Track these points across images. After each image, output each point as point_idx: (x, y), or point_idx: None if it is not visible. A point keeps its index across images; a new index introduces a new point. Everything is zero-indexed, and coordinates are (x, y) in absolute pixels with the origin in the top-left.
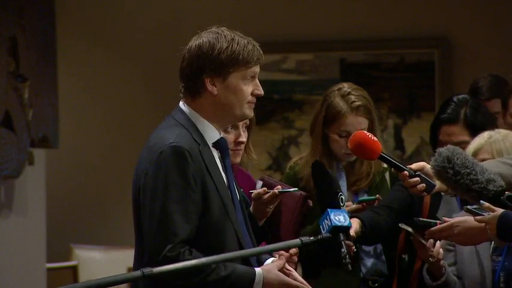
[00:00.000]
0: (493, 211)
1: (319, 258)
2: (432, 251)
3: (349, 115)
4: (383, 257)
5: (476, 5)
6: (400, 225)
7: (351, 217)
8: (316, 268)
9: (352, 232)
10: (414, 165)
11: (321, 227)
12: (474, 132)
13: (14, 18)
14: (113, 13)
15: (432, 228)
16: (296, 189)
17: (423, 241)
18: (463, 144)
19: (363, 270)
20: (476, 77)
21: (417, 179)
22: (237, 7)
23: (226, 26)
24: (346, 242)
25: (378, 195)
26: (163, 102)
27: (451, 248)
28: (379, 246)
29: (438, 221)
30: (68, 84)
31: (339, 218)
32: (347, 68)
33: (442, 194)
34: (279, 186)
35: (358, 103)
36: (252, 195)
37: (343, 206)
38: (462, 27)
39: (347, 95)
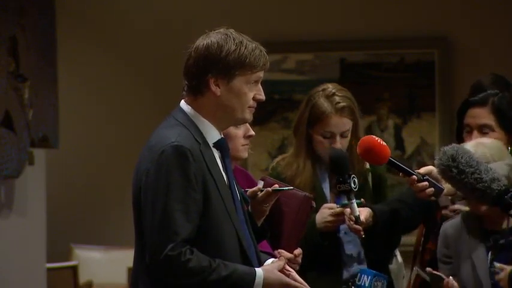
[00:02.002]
0: (503, 269)
1: (304, 261)
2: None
3: (334, 116)
4: (365, 261)
5: (476, 5)
6: (415, 269)
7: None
8: (300, 271)
9: (362, 218)
10: (422, 170)
11: (358, 274)
12: (501, 120)
13: (14, 18)
14: (113, 13)
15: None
16: (292, 187)
17: (441, 277)
18: (486, 128)
19: (345, 274)
20: (478, 78)
21: (425, 183)
22: (237, 7)
23: (226, 26)
24: (355, 226)
25: (362, 199)
26: (163, 101)
27: (448, 260)
28: (362, 251)
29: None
30: (68, 84)
31: (377, 284)
32: (347, 68)
33: (449, 198)
34: (276, 185)
35: (342, 104)
36: (248, 193)
37: (355, 188)
38: (462, 27)
39: (332, 95)
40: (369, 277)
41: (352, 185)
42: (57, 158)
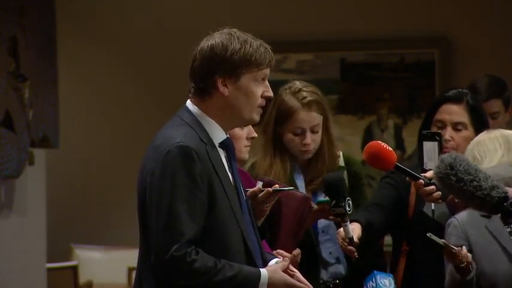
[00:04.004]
0: None
1: None
2: (462, 257)
3: (301, 111)
4: (344, 260)
5: (476, 5)
6: (428, 235)
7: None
8: None
9: (355, 239)
10: (429, 174)
11: (365, 286)
12: (474, 118)
13: (14, 18)
14: (113, 13)
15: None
16: (292, 188)
17: (454, 250)
18: (460, 126)
19: (324, 274)
20: (473, 78)
21: (432, 187)
22: (237, 7)
23: (226, 26)
24: (349, 248)
25: (327, 197)
26: (163, 101)
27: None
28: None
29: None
30: (68, 84)
31: (384, 281)
32: (347, 68)
33: (456, 200)
34: (276, 185)
35: (309, 98)
36: (248, 193)
37: (349, 211)
38: (462, 27)
39: (298, 91)
40: (374, 278)
41: (347, 208)
42: (57, 158)
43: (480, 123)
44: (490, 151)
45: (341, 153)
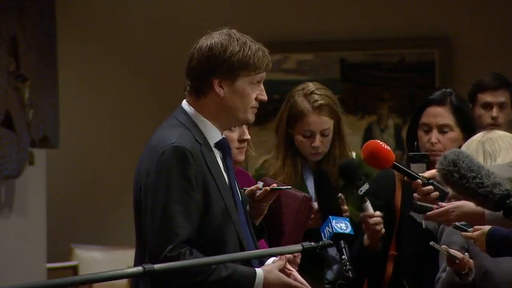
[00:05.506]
0: (480, 228)
1: None
2: (464, 264)
3: (312, 114)
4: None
5: (476, 5)
6: (431, 243)
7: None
8: None
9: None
10: (427, 174)
11: (322, 234)
12: (460, 119)
13: (15, 18)
14: (114, 13)
15: (429, 213)
16: (290, 187)
17: (456, 256)
18: (446, 128)
19: (330, 274)
20: (475, 79)
21: (430, 187)
22: (237, 7)
23: (226, 26)
24: (374, 219)
25: (340, 194)
26: (163, 101)
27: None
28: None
29: (435, 206)
30: (68, 84)
31: (340, 225)
32: (347, 68)
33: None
34: (274, 184)
35: (320, 102)
36: (246, 192)
37: (366, 188)
38: (462, 27)
39: (310, 94)
40: (329, 223)
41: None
42: (57, 158)
43: (466, 123)
44: (502, 149)
45: (354, 153)
